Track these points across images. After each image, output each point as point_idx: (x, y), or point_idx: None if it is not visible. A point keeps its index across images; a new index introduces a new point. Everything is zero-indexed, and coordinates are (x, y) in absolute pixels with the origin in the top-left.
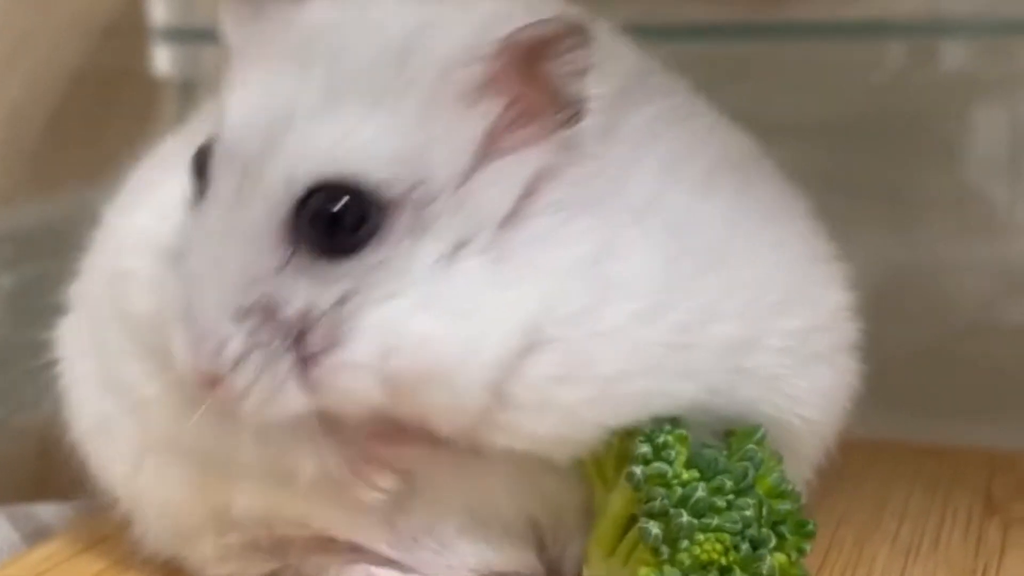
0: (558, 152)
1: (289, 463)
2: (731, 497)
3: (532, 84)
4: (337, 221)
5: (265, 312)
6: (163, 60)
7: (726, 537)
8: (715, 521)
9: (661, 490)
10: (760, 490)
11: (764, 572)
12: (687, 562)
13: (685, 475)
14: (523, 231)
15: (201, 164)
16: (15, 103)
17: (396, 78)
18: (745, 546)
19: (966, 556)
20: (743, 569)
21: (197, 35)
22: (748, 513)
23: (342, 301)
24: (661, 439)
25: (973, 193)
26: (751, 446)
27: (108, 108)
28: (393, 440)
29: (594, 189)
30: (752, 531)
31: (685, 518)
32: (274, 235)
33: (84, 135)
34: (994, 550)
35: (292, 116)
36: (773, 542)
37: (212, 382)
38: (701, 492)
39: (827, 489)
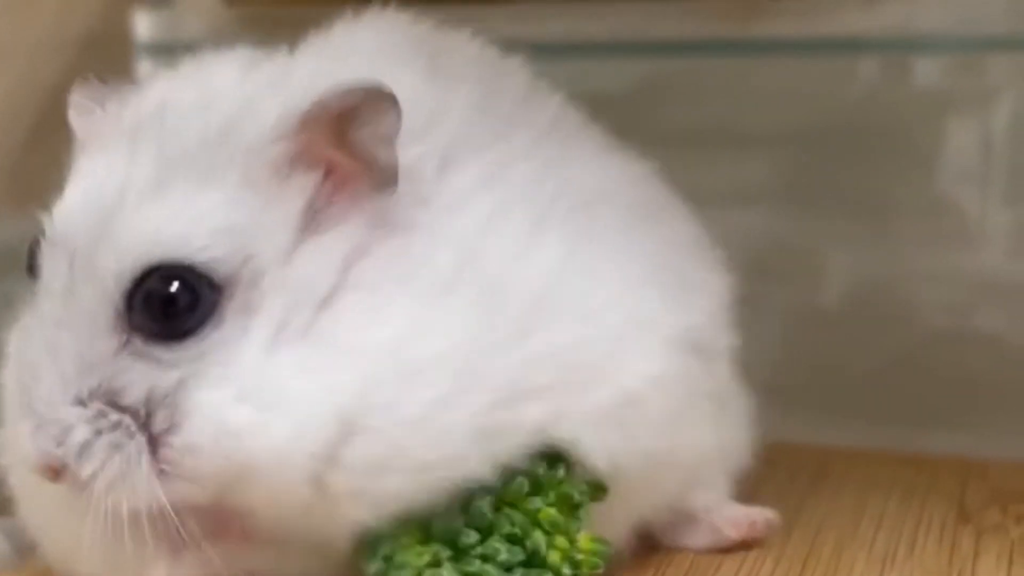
0: (374, 226)
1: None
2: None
3: (343, 154)
4: (170, 304)
5: (107, 397)
6: (146, 74)
7: None
8: None
9: None
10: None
11: None
12: None
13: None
14: (337, 312)
15: (32, 257)
16: None
17: (219, 156)
18: None
19: (940, 563)
20: None
21: (183, 49)
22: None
23: (181, 384)
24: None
25: (946, 204)
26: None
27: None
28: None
29: (405, 264)
30: None
31: None
32: (108, 321)
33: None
34: (967, 557)
35: (122, 200)
36: None
37: (57, 471)
38: None
39: (806, 496)
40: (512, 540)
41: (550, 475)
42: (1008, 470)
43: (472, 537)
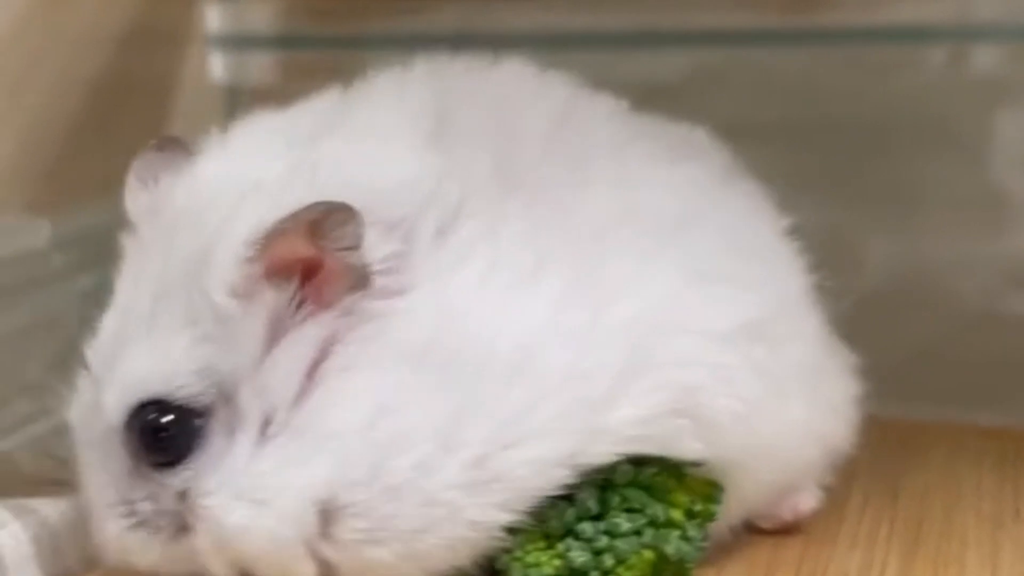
0: (346, 315)
1: None
2: None
3: (311, 261)
4: (160, 434)
5: (128, 505)
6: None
7: None
8: None
9: None
10: None
11: None
12: None
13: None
14: (313, 402)
15: None
16: (36, 112)
17: (194, 290)
18: None
19: None
20: None
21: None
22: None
23: (183, 496)
24: None
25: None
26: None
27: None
28: None
29: (380, 342)
30: None
31: None
32: (117, 447)
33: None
34: None
35: (122, 338)
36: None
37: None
38: None
39: (899, 466)
40: (630, 511)
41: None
42: None
43: (588, 523)
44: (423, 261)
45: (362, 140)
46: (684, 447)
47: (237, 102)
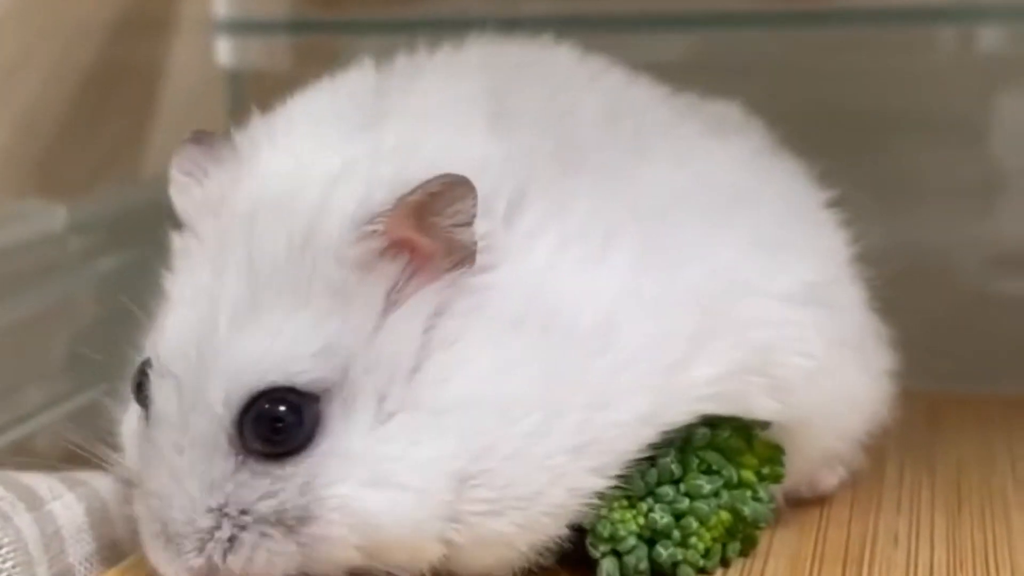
0: (450, 288)
1: None
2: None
3: (423, 238)
4: (278, 425)
5: (236, 508)
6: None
7: None
8: None
9: None
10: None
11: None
12: None
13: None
14: (426, 376)
15: (140, 383)
16: (30, 101)
17: (305, 266)
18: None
19: None
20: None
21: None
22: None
23: (304, 488)
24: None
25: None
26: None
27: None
28: None
29: (479, 315)
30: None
31: None
32: (223, 444)
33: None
34: None
35: (217, 326)
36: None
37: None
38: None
39: (932, 435)
40: (708, 472)
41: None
42: None
43: (670, 486)
44: (501, 239)
45: (429, 123)
46: (758, 405)
47: (240, 88)
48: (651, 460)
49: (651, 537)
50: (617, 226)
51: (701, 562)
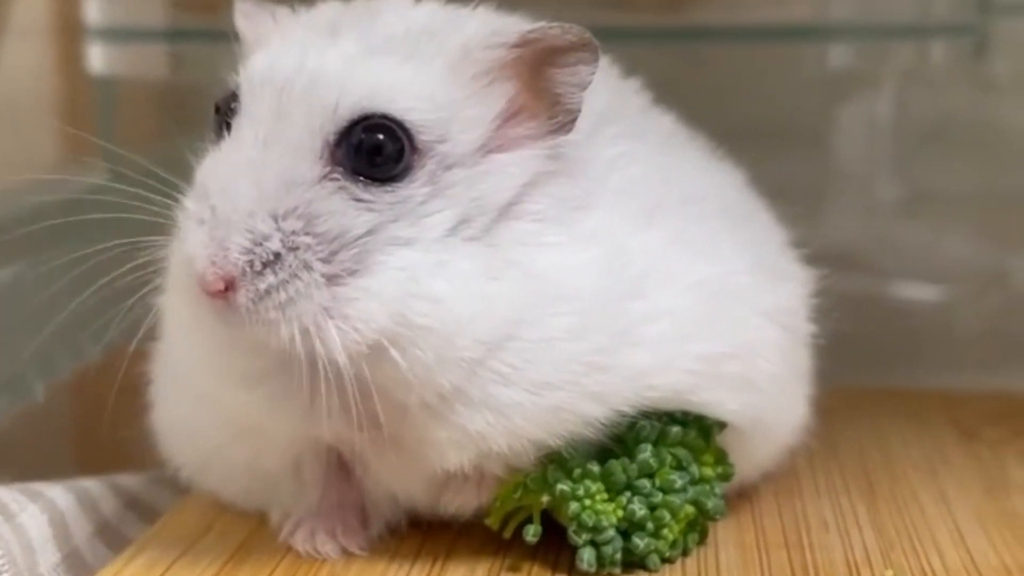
0: (547, 161)
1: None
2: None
3: (537, 83)
4: (378, 152)
5: (302, 220)
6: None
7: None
8: None
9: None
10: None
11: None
12: None
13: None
14: (511, 227)
15: (225, 108)
16: None
17: (423, 46)
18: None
19: (973, 468)
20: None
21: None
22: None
23: (373, 231)
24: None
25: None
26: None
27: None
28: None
29: (563, 208)
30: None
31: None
32: (315, 150)
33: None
34: (991, 461)
35: (328, 59)
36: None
37: (230, 282)
38: None
39: (827, 427)
40: (678, 468)
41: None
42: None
43: (647, 479)
44: (585, 149)
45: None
46: (726, 397)
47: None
48: (629, 455)
49: (626, 529)
50: (662, 200)
51: (668, 552)
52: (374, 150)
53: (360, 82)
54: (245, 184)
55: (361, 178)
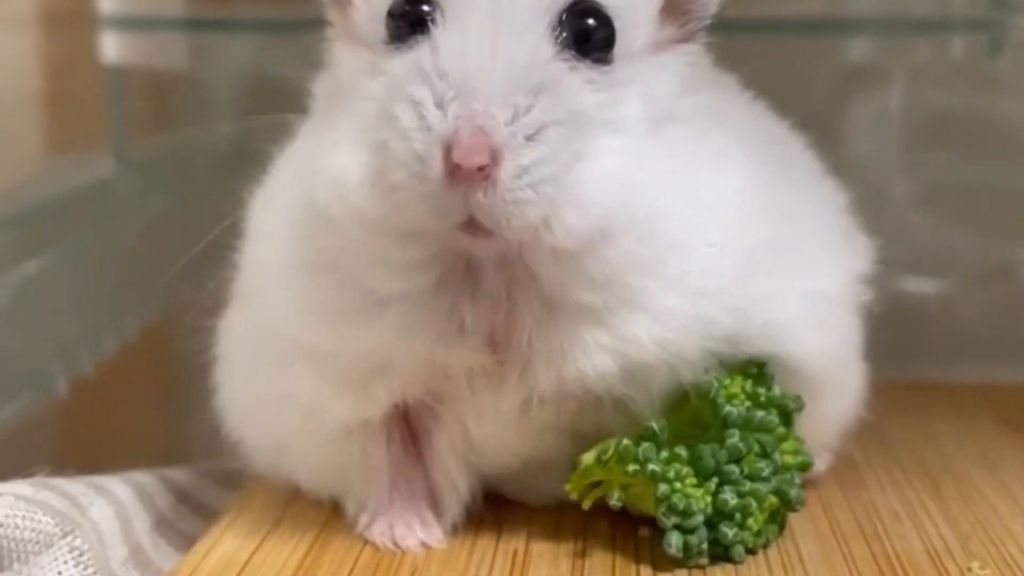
0: (689, 70)
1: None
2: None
3: None
4: (595, 34)
5: (553, 95)
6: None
7: None
8: None
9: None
10: None
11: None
12: None
13: None
14: (673, 132)
15: (409, 11)
16: None
17: None
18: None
19: None
20: None
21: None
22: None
23: (597, 113)
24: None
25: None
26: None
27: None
28: None
29: (706, 120)
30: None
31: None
32: (545, 32)
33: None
34: None
35: None
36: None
37: (496, 155)
38: None
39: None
40: (762, 456)
41: (770, 394)
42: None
43: (734, 465)
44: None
45: None
46: (814, 338)
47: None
48: (719, 440)
49: (710, 518)
50: (763, 151)
51: (752, 542)
52: (592, 32)
53: None
54: (498, 60)
55: (583, 61)
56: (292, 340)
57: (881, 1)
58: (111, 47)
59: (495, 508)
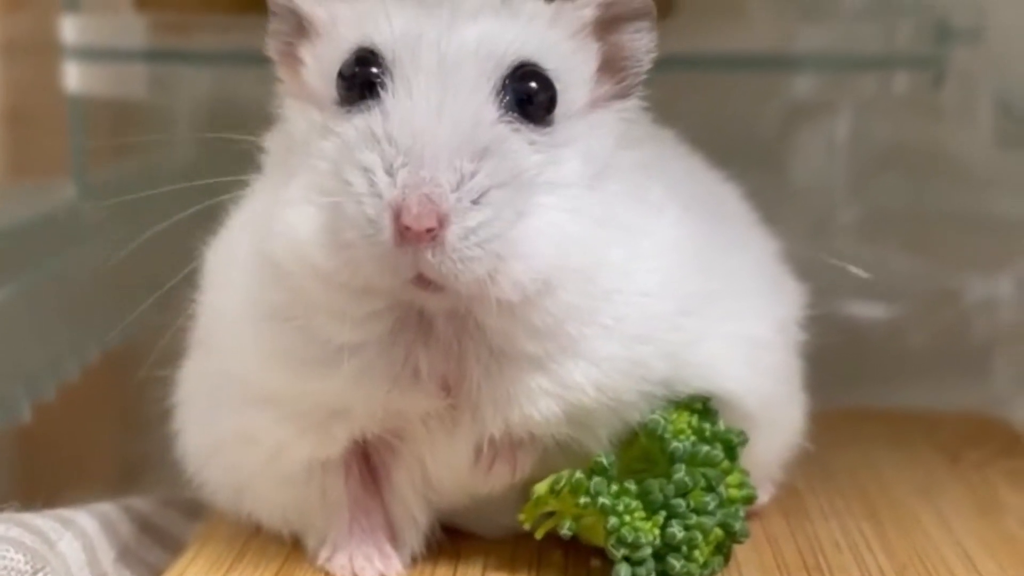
0: (623, 124)
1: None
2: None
3: (612, 45)
4: (537, 97)
5: (496, 157)
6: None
7: None
8: None
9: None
10: None
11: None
12: None
13: None
14: (611, 186)
15: (359, 73)
16: None
17: (523, 6)
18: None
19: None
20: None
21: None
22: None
23: (537, 173)
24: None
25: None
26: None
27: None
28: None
29: (641, 172)
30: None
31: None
32: (488, 95)
33: None
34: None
35: (479, 14)
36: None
37: (443, 220)
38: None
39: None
40: (708, 489)
41: (715, 429)
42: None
43: (681, 499)
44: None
45: None
46: (753, 380)
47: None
48: (667, 475)
49: (658, 550)
50: (692, 200)
51: (698, 573)
52: (534, 95)
53: (512, 33)
54: (444, 125)
55: (528, 122)
56: (253, 385)
57: (828, 38)
58: (73, 76)
59: (452, 539)
